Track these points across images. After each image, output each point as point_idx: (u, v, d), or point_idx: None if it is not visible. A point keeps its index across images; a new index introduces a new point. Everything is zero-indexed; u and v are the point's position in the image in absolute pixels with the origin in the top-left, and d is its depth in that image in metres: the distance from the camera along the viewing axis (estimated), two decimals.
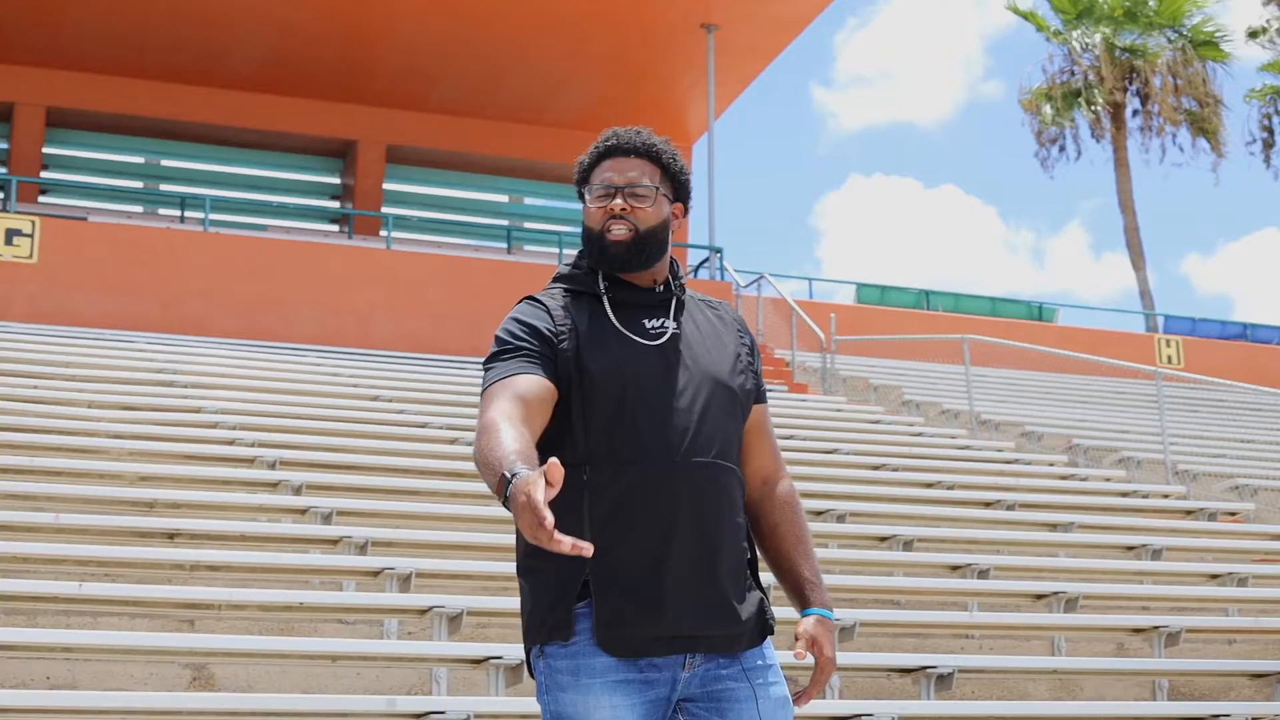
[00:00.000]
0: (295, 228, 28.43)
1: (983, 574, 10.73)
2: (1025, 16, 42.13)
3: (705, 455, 3.66)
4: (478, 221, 30.71)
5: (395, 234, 25.85)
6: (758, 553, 3.87)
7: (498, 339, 3.79)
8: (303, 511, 10.53)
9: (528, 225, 31.47)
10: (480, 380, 3.93)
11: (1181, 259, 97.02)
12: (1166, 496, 15.80)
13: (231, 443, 12.96)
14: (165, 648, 7.43)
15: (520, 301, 3.89)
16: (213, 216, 24.55)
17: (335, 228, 29.31)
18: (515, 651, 7.55)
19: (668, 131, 28.23)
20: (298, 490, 11.25)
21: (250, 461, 12.25)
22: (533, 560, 3.70)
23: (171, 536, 9.53)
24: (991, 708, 8.14)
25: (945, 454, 16.76)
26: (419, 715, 6.81)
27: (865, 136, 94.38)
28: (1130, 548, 12.65)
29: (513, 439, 3.43)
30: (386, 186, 29.43)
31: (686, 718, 3.71)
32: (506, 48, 27.02)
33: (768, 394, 3.99)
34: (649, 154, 3.85)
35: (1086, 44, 40.44)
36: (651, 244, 3.79)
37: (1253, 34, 42.24)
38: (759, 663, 3.75)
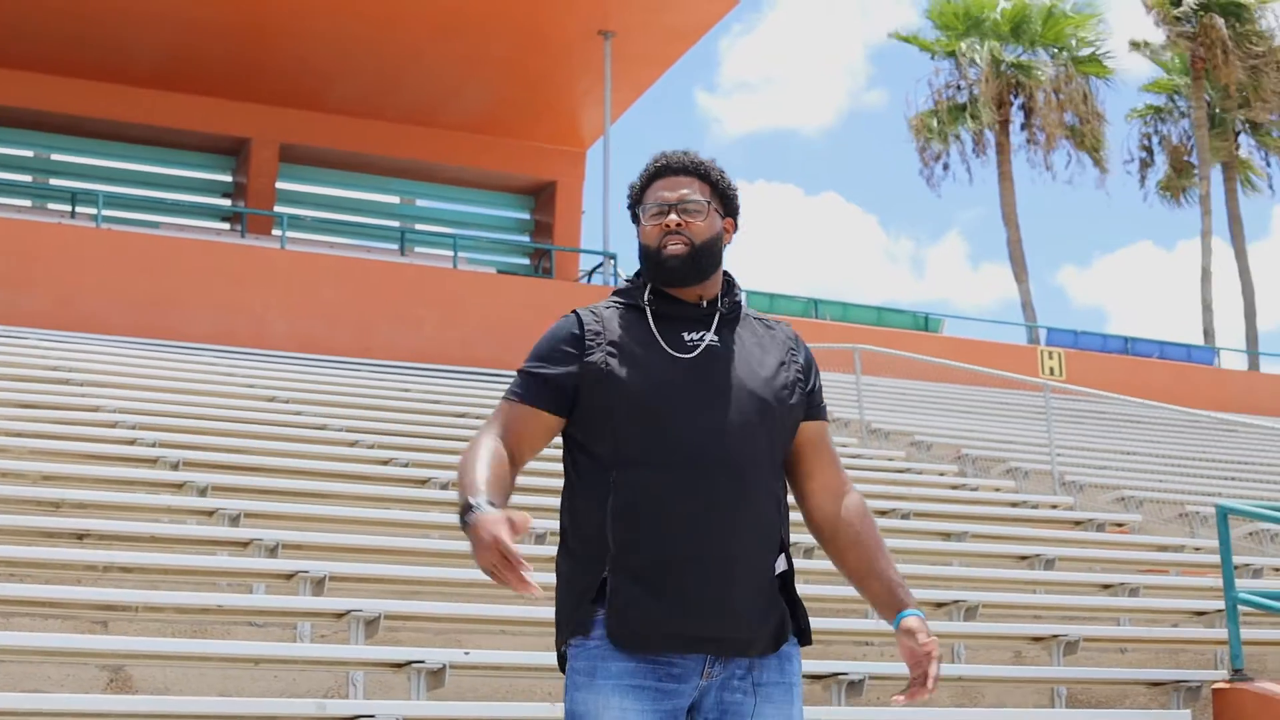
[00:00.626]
0: (188, 225, 28.19)
1: None
2: (908, 40, 42.75)
3: (729, 464, 3.77)
4: (371, 222, 30.61)
5: (288, 233, 25.73)
6: (793, 565, 3.97)
7: (531, 354, 3.97)
8: (210, 513, 10.52)
9: (420, 227, 31.42)
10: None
11: (1058, 270, 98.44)
12: (1055, 507, 16.11)
13: (133, 442, 12.91)
14: (83, 649, 7.43)
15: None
16: (105, 213, 24.32)
17: (228, 226, 29.11)
18: (436, 656, 7.63)
19: (563, 137, 28.46)
20: (203, 491, 11.23)
21: (153, 462, 12.21)
22: (560, 561, 3.88)
23: (80, 537, 9.49)
24: (898, 714, 8.31)
25: None
26: (348, 719, 6.88)
27: (748, 142, 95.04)
28: (1023, 557, 12.90)
29: (486, 466, 3.73)
30: (280, 185, 29.25)
31: None
32: (403, 49, 26.96)
33: (827, 411, 4.09)
34: (698, 172, 4.01)
35: (973, 59, 41.01)
36: (706, 257, 3.93)
37: (1135, 45, 43.04)
38: (776, 679, 3.86)
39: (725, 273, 4.03)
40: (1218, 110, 42.56)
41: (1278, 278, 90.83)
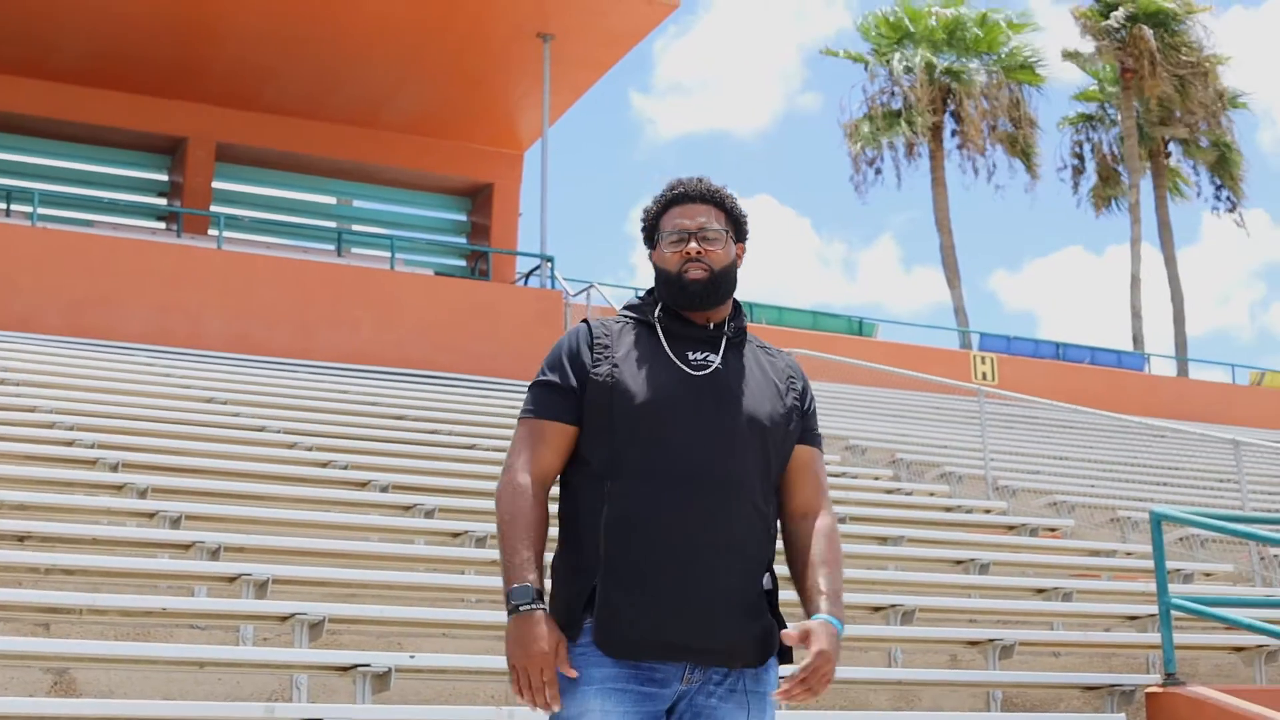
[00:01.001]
0: (124, 224, 28.04)
1: None
2: (838, 55, 43.03)
3: (722, 482, 3.89)
4: (308, 223, 30.53)
5: (225, 233, 25.63)
6: (777, 584, 4.08)
7: (543, 366, 4.08)
8: (151, 515, 10.52)
9: (358, 228, 31.38)
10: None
11: (990, 274, 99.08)
12: (988, 512, 16.26)
13: (71, 443, 12.87)
14: (27, 652, 7.42)
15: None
16: (40, 211, 24.17)
17: (163, 225, 28.96)
18: (381, 659, 7.67)
19: (500, 139, 28.41)
20: (143, 493, 11.23)
21: (92, 463, 12.18)
22: (554, 565, 4.00)
23: (22, 539, 9.48)
24: (836, 717, 8.40)
25: None
26: None
27: (682, 145, 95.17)
28: (958, 562, 13.04)
29: (528, 536, 3.90)
30: (216, 185, 29.14)
31: None
32: (341, 50, 26.92)
33: (821, 441, 4.21)
34: (714, 199, 4.13)
35: (907, 66, 41.28)
36: (725, 282, 4.06)
37: (1067, 55, 43.44)
38: (752, 688, 3.96)
39: (734, 299, 4.15)
40: (1141, 122, 43.00)
41: (1209, 283, 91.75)
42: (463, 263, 31.39)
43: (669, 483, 3.86)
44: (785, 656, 4.06)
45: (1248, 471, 18.19)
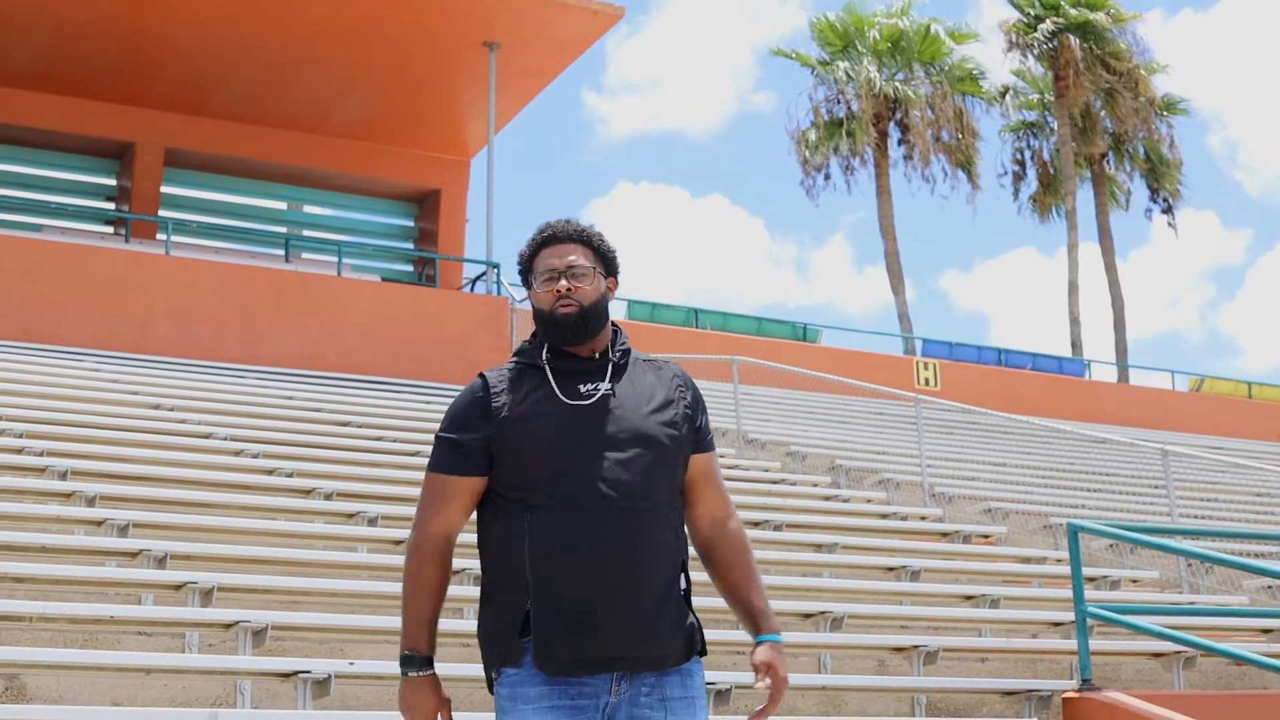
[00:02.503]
0: (71, 229, 28.13)
1: None
2: (789, 56, 43.32)
3: (628, 500, 4.19)
4: (256, 228, 30.63)
5: (173, 238, 25.76)
6: (695, 582, 4.40)
7: (443, 422, 4.39)
8: (99, 523, 10.73)
9: (305, 233, 31.50)
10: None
11: (941, 275, 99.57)
12: (924, 518, 16.57)
13: (20, 451, 13.05)
14: None
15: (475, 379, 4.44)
16: None
17: (111, 230, 29.05)
18: (322, 666, 7.93)
19: (448, 146, 28.57)
20: (91, 501, 11.43)
21: (41, 471, 12.38)
22: (485, 593, 4.30)
23: None
24: None
25: None
26: None
27: (634, 144, 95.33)
28: (891, 569, 13.35)
29: (430, 600, 4.29)
30: (164, 190, 29.24)
31: None
32: (289, 56, 27.08)
33: (714, 442, 4.52)
34: (581, 239, 4.42)
35: (851, 76, 41.61)
36: (594, 316, 4.35)
37: (1003, 92, 44.00)
38: (680, 694, 4.26)
39: (612, 323, 4.46)
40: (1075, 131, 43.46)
41: (1159, 286, 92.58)
42: (410, 269, 31.56)
43: (582, 507, 4.16)
44: (701, 649, 4.37)
45: (1179, 479, 18.57)
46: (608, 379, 4.35)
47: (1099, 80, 41.96)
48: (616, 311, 32.09)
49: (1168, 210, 45.27)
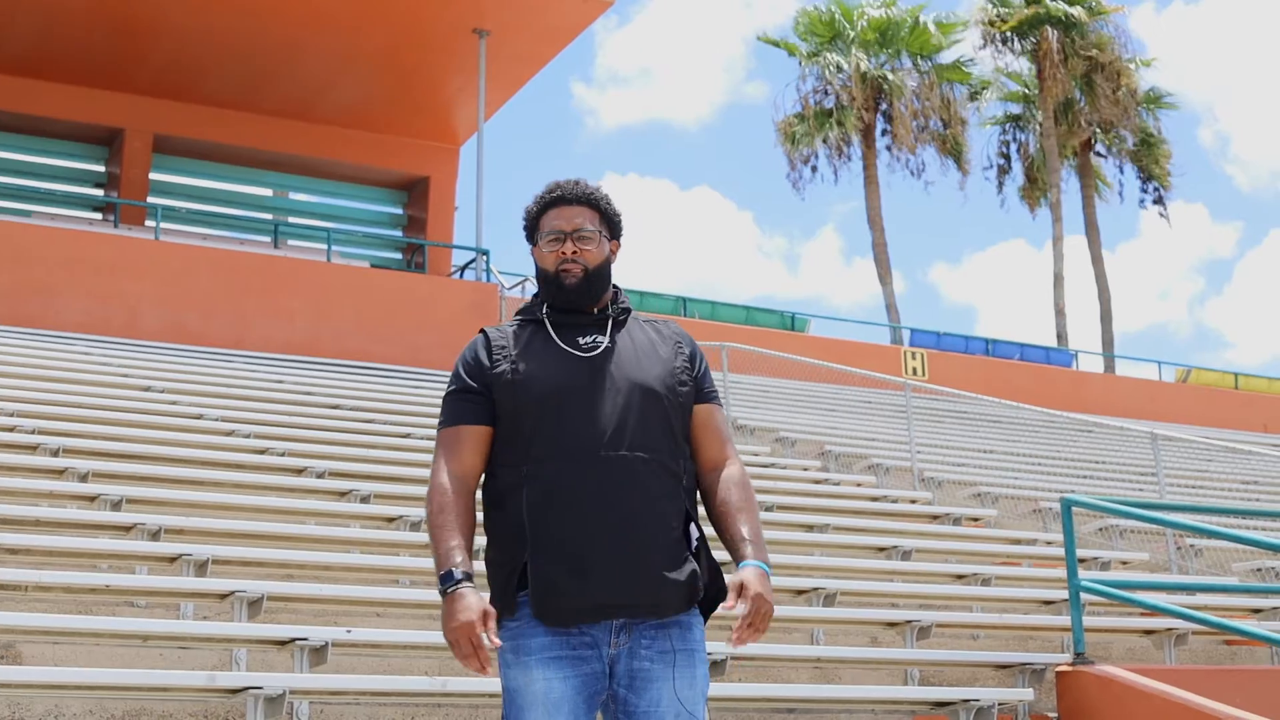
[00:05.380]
0: (61, 215, 28.11)
1: None
2: (776, 44, 43.34)
3: (624, 449, 4.21)
4: (244, 215, 30.62)
5: (162, 224, 25.75)
6: (703, 531, 4.37)
7: (451, 377, 4.42)
8: (92, 499, 10.74)
9: (294, 220, 31.50)
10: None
11: (930, 267, 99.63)
12: (914, 502, 16.61)
13: (13, 429, 13.05)
14: None
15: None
16: None
17: (100, 216, 29.03)
18: (318, 634, 7.94)
19: (437, 133, 28.55)
20: (84, 478, 11.45)
21: (33, 449, 12.38)
22: (489, 552, 4.30)
23: None
24: (759, 689, 8.71)
25: None
26: (236, 690, 7.18)
27: (623, 135, 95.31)
28: (881, 549, 13.39)
29: (455, 526, 4.22)
30: (153, 176, 29.23)
31: (610, 698, 4.23)
32: (278, 43, 27.06)
33: (716, 395, 4.52)
34: (588, 201, 4.44)
35: (839, 66, 41.65)
36: (599, 279, 4.41)
37: (978, 92, 44.05)
38: (680, 646, 4.26)
39: (613, 285, 4.48)
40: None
41: (1149, 279, 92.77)
42: (398, 255, 31.56)
43: (580, 457, 4.18)
44: (709, 606, 4.35)
45: (1168, 465, 18.62)
46: (608, 334, 4.38)
47: (1075, 69, 41.94)
48: None
49: (1159, 200, 45.39)
